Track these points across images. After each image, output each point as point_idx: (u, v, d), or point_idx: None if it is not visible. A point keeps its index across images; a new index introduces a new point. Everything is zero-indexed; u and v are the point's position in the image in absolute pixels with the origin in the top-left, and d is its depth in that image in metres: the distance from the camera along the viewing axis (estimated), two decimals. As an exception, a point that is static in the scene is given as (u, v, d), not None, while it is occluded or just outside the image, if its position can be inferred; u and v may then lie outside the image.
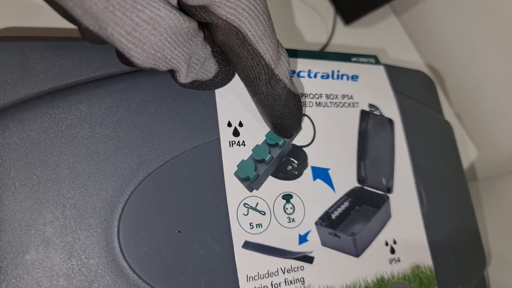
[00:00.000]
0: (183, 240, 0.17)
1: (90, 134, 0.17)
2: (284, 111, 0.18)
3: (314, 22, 0.40)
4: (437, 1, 0.47)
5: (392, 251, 0.22)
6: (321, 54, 0.24)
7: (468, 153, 0.45)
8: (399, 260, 0.22)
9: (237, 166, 0.19)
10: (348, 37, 0.41)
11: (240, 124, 0.19)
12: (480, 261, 0.25)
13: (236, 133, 0.19)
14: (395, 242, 0.22)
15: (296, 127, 0.19)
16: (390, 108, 0.24)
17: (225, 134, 0.19)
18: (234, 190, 0.18)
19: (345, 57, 0.24)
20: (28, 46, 0.17)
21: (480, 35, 0.44)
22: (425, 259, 0.23)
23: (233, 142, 0.19)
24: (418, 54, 0.47)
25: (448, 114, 0.45)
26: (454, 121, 0.45)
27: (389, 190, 0.23)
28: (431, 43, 0.49)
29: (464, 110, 0.48)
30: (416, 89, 0.27)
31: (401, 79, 0.27)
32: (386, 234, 0.22)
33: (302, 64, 0.22)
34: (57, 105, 0.17)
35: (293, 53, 0.22)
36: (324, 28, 0.41)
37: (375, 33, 0.44)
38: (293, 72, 0.22)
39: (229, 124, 0.19)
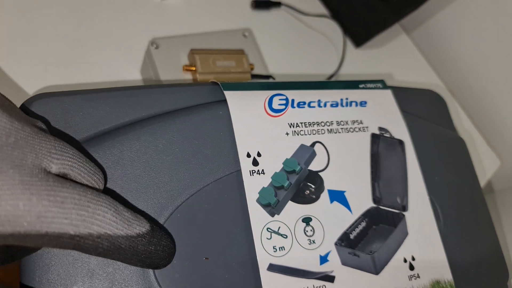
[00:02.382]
0: (211, 266, 0.19)
1: (123, 174, 0.19)
2: (137, 256, 0.16)
3: (325, 47, 0.42)
4: (447, 16, 0.49)
5: (411, 267, 0.23)
6: (330, 84, 0.25)
7: (490, 164, 0.45)
8: (418, 276, 0.22)
9: (259, 193, 0.20)
10: (360, 60, 0.43)
11: (258, 154, 0.21)
12: (503, 273, 0.26)
13: (255, 162, 0.21)
14: (413, 259, 0.23)
15: (166, 258, 0.18)
16: (399, 130, 0.25)
17: (245, 164, 0.20)
18: (257, 216, 0.20)
19: (352, 84, 0.26)
20: (66, 100, 0.20)
21: (493, 46, 0.45)
22: (445, 274, 0.23)
23: (253, 171, 0.20)
24: (432, 69, 0.48)
25: (468, 126, 0.46)
26: (474, 133, 0.46)
27: (404, 208, 0.24)
28: (444, 57, 0.50)
29: (484, 121, 0.48)
30: (425, 108, 0.28)
31: (410, 99, 0.28)
32: (404, 251, 0.23)
33: (311, 95, 0.24)
34: (94, 150, 0.19)
35: (303, 85, 0.24)
36: (335, 53, 0.42)
37: (387, 53, 0.46)
38: (304, 103, 0.23)
39: (248, 155, 0.21)
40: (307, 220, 0.21)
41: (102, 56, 0.31)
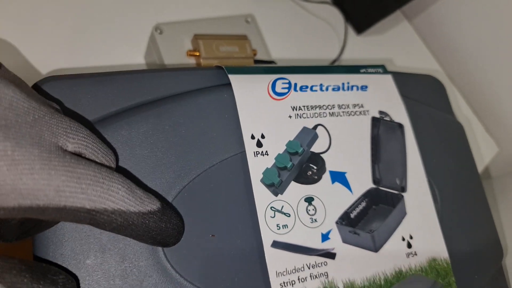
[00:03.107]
0: (217, 243, 0.20)
1: (132, 155, 0.20)
2: (149, 232, 0.17)
3: (327, 34, 0.42)
4: (448, 3, 0.49)
5: (409, 245, 0.23)
6: (332, 68, 0.26)
7: (488, 150, 0.46)
8: (416, 254, 0.23)
9: (263, 173, 0.21)
10: (361, 46, 0.43)
11: (262, 136, 0.22)
12: (497, 252, 0.27)
13: (259, 144, 0.21)
14: (411, 237, 0.24)
15: (176, 236, 0.18)
16: (399, 114, 0.26)
17: (250, 146, 0.21)
18: (261, 195, 0.21)
19: (354, 69, 0.26)
20: (77, 82, 0.20)
21: (493, 33, 0.45)
22: (441, 252, 0.24)
23: (257, 153, 0.21)
24: (432, 56, 0.48)
25: (467, 112, 0.46)
26: (473, 119, 0.46)
27: (403, 189, 0.24)
28: (445, 44, 0.50)
29: (483, 108, 0.49)
30: (425, 93, 0.29)
31: (410, 84, 0.28)
32: (402, 230, 0.24)
33: (314, 79, 0.24)
34: (103, 131, 0.20)
35: (305, 69, 0.25)
36: (336, 39, 0.43)
37: (388, 39, 0.46)
38: (306, 86, 0.24)
39: (253, 137, 0.21)
40: (309, 200, 0.22)
41: (106, 43, 0.32)
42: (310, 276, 0.20)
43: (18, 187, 0.13)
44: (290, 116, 0.23)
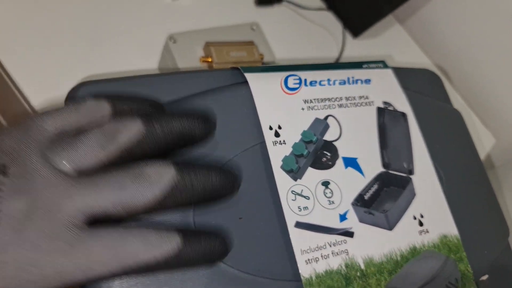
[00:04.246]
0: (244, 225, 0.21)
1: None
2: (181, 267, 0.18)
3: (326, 39, 0.45)
4: (437, 5, 0.51)
5: (421, 224, 0.25)
6: (337, 65, 0.28)
7: (485, 141, 0.48)
8: (427, 231, 0.25)
9: (282, 160, 0.23)
10: (358, 49, 0.46)
11: (279, 127, 0.23)
12: (503, 229, 0.28)
13: (277, 134, 0.23)
14: (422, 216, 0.25)
15: (222, 252, 0.19)
16: (401, 104, 0.28)
17: (269, 136, 0.23)
18: (282, 180, 0.22)
19: (357, 65, 0.29)
20: (108, 85, 0.22)
21: (482, 28, 0.48)
22: (451, 229, 0.26)
23: (276, 142, 0.23)
24: (425, 55, 0.50)
25: (462, 107, 0.49)
26: (467, 113, 0.48)
27: (411, 172, 0.26)
28: (435, 43, 0.53)
29: (477, 101, 0.51)
30: (423, 85, 0.31)
31: (409, 78, 0.30)
32: (413, 210, 0.25)
33: (321, 75, 0.26)
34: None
35: (314, 67, 0.27)
36: (335, 44, 0.45)
37: (382, 42, 0.49)
38: (315, 81, 0.26)
39: (270, 128, 0.23)
40: (326, 184, 0.23)
41: (121, 53, 0.34)
42: (332, 253, 0.22)
43: (50, 276, 0.16)
44: (302, 109, 0.25)
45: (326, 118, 0.25)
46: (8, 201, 0.16)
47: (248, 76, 0.24)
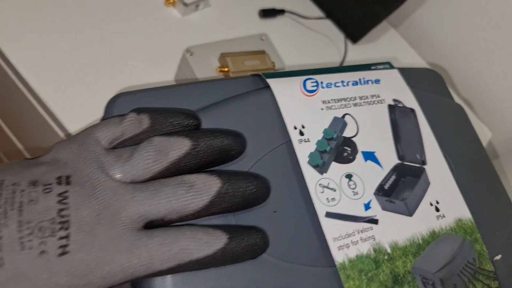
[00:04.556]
0: (279, 217, 0.23)
1: None
2: (227, 262, 0.20)
3: (327, 46, 0.47)
4: (427, 9, 0.54)
5: (437, 209, 0.27)
6: (348, 68, 0.30)
7: (482, 135, 0.50)
8: (444, 216, 0.27)
9: (308, 156, 0.24)
10: (358, 54, 0.48)
11: (303, 127, 0.25)
12: (511, 212, 0.30)
13: (301, 133, 0.25)
14: (437, 203, 0.27)
15: (262, 247, 0.21)
16: (409, 100, 0.30)
17: (294, 135, 0.25)
18: (310, 175, 0.24)
19: (366, 67, 0.31)
20: (143, 96, 0.24)
21: (473, 28, 0.51)
22: (465, 214, 0.28)
23: (301, 140, 0.25)
24: (419, 55, 0.53)
25: (458, 103, 0.51)
26: (464, 108, 0.51)
27: (424, 162, 0.28)
28: (428, 44, 0.55)
29: (472, 97, 0.53)
30: (426, 83, 0.33)
31: (413, 77, 0.33)
32: (429, 197, 0.27)
33: (335, 77, 0.28)
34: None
35: (328, 70, 0.29)
36: (336, 50, 0.47)
37: (380, 46, 0.51)
38: (331, 84, 0.28)
39: (295, 127, 0.25)
40: (349, 176, 0.25)
41: (139, 69, 0.36)
42: (360, 239, 0.24)
43: (117, 274, 0.18)
44: (322, 109, 0.27)
45: (343, 116, 0.27)
46: (76, 208, 0.18)
47: (270, 81, 0.26)
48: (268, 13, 0.45)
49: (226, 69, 0.33)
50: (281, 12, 0.45)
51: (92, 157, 0.19)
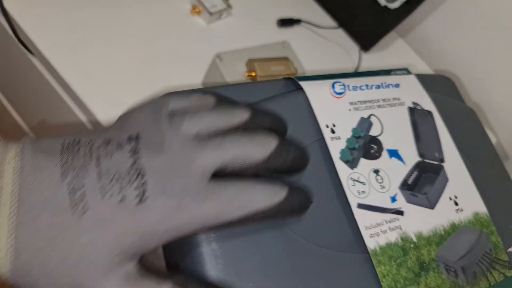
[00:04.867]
0: (315, 208, 0.25)
1: None
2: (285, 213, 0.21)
3: (340, 54, 0.50)
4: (431, 20, 0.57)
5: (456, 203, 0.29)
6: (370, 73, 0.32)
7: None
8: (462, 210, 0.29)
9: (339, 153, 0.26)
10: (368, 62, 0.51)
11: (333, 125, 0.27)
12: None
13: (332, 131, 0.27)
14: (456, 197, 0.29)
15: (305, 208, 0.22)
16: (427, 103, 0.32)
17: (327, 133, 0.27)
18: (342, 169, 0.26)
19: (386, 72, 0.33)
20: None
21: (475, 37, 0.53)
22: (481, 208, 0.30)
23: (333, 138, 0.27)
24: (426, 63, 0.56)
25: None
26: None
27: (442, 160, 0.30)
28: (433, 51, 0.58)
29: (477, 103, 0.56)
30: (440, 88, 0.36)
31: (428, 82, 0.35)
32: (448, 192, 0.29)
33: (360, 81, 0.31)
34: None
35: (352, 74, 0.31)
36: (348, 58, 0.50)
37: (388, 55, 0.54)
38: (356, 87, 0.30)
39: (327, 126, 0.27)
40: (376, 171, 0.27)
41: (170, 72, 0.38)
42: (389, 228, 0.26)
43: (192, 221, 0.19)
44: (349, 110, 0.29)
45: (369, 117, 0.29)
46: (149, 159, 0.19)
47: (303, 83, 0.28)
48: (285, 22, 0.47)
49: (253, 74, 0.35)
50: (297, 21, 0.48)
51: (159, 116, 0.20)
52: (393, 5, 0.47)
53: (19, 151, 0.18)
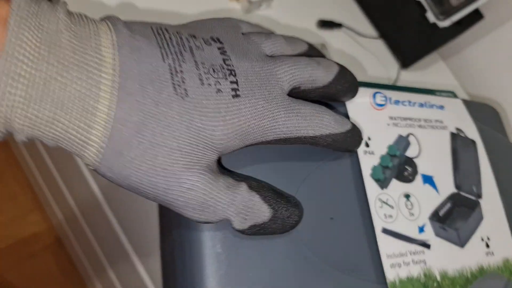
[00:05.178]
0: (335, 225, 0.22)
1: (261, 159, 0.22)
2: (344, 145, 0.22)
3: (376, 67, 0.47)
4: (478, 48, 0.54)
5: (487, 246, 0.26)
6: (414, 89, 0.30)
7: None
8: (493, 254, 0.26)
9: (371, 169, 0.24)
10: (404, 80, 0.48)
11: (369, 139, 0.25)
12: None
13: (367, 145, 0.25)
14: (488, 239, 0.27)
15: (358, 142, 0.23)
16: (471, 132, 0.30)
17: (360, 145, 0.24)
18: (371, 188, 0.24)
19: (431, 91, 0.30)
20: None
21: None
22: (513, 255, 0.27)
23: (366, 152, 0.24)
24: (464, 91, 0.53)
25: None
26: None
27: (479, 195, 0.28)
28: (474, 81, 0.55)
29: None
30: (485, 117, 0.33)
31: (473, 109, 0.32)
32: (481, 232, 0.27)
33: (403, 96, 0.28)
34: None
35: (395, 87, 0.28)
36: (384, 72, 0.47)
37: (426, 75, 0.51)
38: (398, 101, 0.28)
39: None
40: (407, 196, 0.25)
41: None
42: (412, 261, 0.23)
43: (275, 126, 0.19)
44: (388, 124, 0.26)
45: (407, 135, 0.27)
46: (237, 60, 0.19)
47: (342, 88, 0.26)
48: (326, 24, 0.45)
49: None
50: (338, 25, 0.45)
51: (238, 30, 0.21)
52: (443, 24, 0.44)
53: (112, 28, 0.17)
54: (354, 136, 0.22)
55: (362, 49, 0.47)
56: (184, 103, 0.17)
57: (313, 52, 0.23)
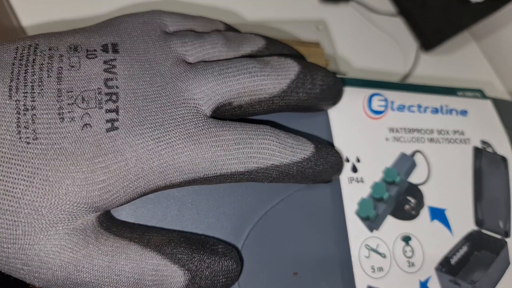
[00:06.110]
0: (299, 283, 0.17)
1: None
2: (306, 177, 0.17)
3: (392, 49, 0.39)
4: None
5: (514, 302, 0.20)
6: (428, 88, 0.23)
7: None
8: (521, 313, 0.20)
9: (358, 204, 0.18)
10: (426, 66, 0.40)
11: (358, 160, 0.18)
12: None
13: (354, 169, 0.18)
14: (516, 293, 0.20)
15: (335, 173, 0.18)
16: (502, 145, 0.23)
17: (344, 170, 0.18)
18: (356, 230, 0.17)
19: (451, 91, 0.23)
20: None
21: None
22: (549, 313, 0.20)
23: (352, 179, 0.18)
24: (499, 80, 0.44)
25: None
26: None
27: (507, 234, 0.21)
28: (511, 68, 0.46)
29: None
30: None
31: (508, 113, 0.25)
32: (505, 282, 0.20)
33: (411, 98, 0.21)
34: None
35: (401, 86, 0.22)
36: (401, 56, 0.40)
37: (453, 61, 0.43)
38: (403, 106, 0.21)
39: (347, 160, 0.18)
40: (406, 239, 0.18)
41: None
42: (408, 332, 0.17)
43: (179, 165, 0.14)
44: (387, 139, 0.20)
45: (413, 154, 0.20)
46: (126, 79, 0.14)
47: (325, 89, 0.19)
48: (331, -3, 0.37)
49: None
50: (346, -1, 0.38)
51: (151, 29, 0.16)
52: (476, -2, 0.36)
53: None
54: (321, 165, 0.16)
55: (374, 29, 0.39)
56: (29, 149, 0.13)
57: (274, 50, 0.18)
